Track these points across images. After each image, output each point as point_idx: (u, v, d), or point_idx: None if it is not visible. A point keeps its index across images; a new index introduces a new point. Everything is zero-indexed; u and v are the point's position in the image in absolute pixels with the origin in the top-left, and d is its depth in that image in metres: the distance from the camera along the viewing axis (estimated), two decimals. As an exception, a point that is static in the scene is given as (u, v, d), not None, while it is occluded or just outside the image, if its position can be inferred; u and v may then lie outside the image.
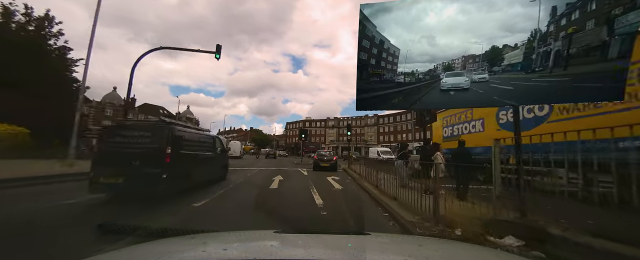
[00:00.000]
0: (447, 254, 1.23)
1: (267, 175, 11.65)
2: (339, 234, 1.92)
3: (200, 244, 1.20)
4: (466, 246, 1.81)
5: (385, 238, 1.69)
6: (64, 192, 6.23)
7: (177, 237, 1.51)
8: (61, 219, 4.15)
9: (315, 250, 1.18)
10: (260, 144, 74.96)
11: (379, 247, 1.31)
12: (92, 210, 4.76)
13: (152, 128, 5.81)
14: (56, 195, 5.80)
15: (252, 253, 1.09)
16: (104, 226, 3.01)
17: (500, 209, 3.76)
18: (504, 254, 1.73)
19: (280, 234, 1.53)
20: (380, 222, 4.56)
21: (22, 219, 4.10)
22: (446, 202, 4.11)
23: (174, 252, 1.13)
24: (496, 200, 4.03)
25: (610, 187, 3.08)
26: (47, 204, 5.01)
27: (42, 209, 4.71)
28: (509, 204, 3.75)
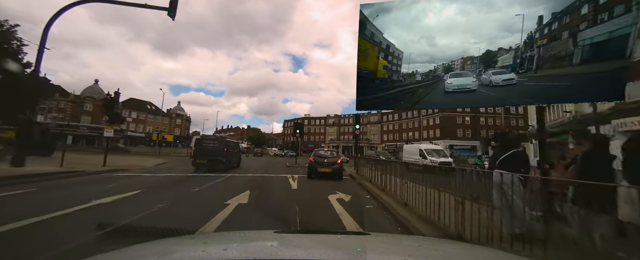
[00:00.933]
0: (447, 254, 1.25)
1: (229, 191, 7.37)
2: (339, 234, 1.96)
3: (200, 244, 1.21)
4: (466, 246, 1.89)
5: (385, 238, 1.69)
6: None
7: (177, 237, 1.52)
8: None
9: (315, 250, 1.18)
10: (257, 142, 70.74)
11: (379, 247, 1.30)
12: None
13: (218, 139, 15.43)
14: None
15: (252, 253, 1.10)
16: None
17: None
18: (504, 254, 1.68)
19: (280, 234, 1.58)
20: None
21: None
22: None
23: (174, 252, 1.15)
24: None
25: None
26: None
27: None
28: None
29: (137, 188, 7.12)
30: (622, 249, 2.36)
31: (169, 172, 12.47)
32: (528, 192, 3.03)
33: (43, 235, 3.43)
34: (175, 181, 9.36)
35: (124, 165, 13.70)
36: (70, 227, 3.73)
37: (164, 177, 10.30)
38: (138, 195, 6.26)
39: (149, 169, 13.24)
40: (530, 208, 2.99)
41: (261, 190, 7.67)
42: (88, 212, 4.58)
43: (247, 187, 7.85)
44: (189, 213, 4.89)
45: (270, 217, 4.87)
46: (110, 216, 4.39)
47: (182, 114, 66.28)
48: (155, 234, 2.45)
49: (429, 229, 3.81)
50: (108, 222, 3.54)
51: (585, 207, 2.51)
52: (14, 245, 3.10)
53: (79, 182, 8.42)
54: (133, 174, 11.02)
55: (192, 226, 3.72)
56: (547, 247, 2.61)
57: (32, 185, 6.97)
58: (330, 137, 73.60)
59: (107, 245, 1.85)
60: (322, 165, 10.85)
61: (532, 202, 3.01)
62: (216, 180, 9.54)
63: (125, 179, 9.26)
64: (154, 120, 56.62)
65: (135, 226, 3.68)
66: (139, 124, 55.73)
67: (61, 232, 3.55)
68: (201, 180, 9.54)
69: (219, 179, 10.07)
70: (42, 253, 2.79)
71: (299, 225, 4.33)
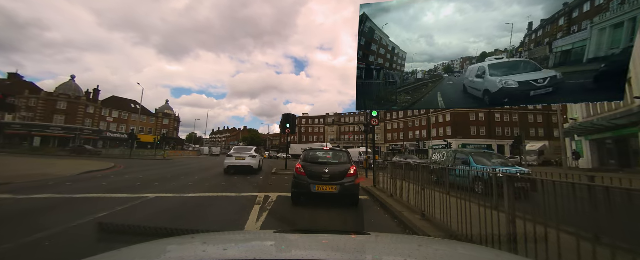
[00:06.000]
0: (447, 254, 1.27)
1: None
2: (339, 234, 2.00)
3: (200, 244, 1.21)
4: (466, 246, 1.85)
5: (385, 238, 1.67)
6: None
7: (177, 237, 1.52)
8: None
9: (315, 251, 1.21)
10: (252, 143, 65.73)
11: (379, 247, 1.30)
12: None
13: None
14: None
15: (252, 253, 1.13)
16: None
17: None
18: (504, 254, 1.67)
19: (280, 234, 1.63)
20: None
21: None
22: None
23: (174, 252, 1.18)
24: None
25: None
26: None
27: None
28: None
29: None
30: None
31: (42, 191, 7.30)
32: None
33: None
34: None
35: (24, 175, 9.94)
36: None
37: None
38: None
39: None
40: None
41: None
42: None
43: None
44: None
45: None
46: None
47: (170, 113, 61.42)
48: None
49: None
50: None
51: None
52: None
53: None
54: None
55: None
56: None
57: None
58: (330, 137, 68.64)
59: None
60: (320, 180, 5.98)
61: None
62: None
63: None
64: (138, 120, 51.53)
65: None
66: (120, 124, 50.85)
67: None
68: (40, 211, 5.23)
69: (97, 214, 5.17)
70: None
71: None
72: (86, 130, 46.55)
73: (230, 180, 10.63)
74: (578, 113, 24.36)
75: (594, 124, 20.55)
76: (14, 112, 39.26)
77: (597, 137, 22.19)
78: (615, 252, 2.00)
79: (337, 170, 6.08)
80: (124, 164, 18.86)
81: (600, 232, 2.18)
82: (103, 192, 7.29)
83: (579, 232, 2.27)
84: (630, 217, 2.12)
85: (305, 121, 77.84)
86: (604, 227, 2.17)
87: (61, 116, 46.03)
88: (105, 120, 50.36)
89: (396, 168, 7.51)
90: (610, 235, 2.06)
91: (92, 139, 46.93)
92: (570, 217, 2.41)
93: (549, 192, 2.51)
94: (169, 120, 62.60)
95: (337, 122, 72.50)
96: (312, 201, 6.19)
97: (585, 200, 2.28)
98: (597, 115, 21.91)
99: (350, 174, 6.06)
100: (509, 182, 2.99)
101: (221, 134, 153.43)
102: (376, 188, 8.46)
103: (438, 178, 5.01)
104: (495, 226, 3.01)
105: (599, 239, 2.18)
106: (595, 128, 20.92)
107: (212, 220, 5.02)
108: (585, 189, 2.28)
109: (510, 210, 2.91)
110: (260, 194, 7.33)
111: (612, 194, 2.11)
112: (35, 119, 43.35)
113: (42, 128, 42.68)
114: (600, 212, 2.17)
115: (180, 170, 14.92)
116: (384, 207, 6.17)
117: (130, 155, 31.27)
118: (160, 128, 59.30)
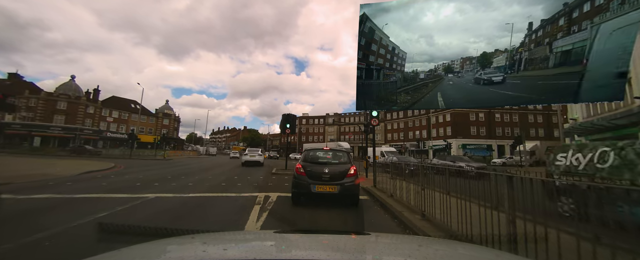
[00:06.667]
0: (447, 254, 1.27)
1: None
2: (339, 233, 2.00)
3: (200, 244, 1.21)
4: (466, 246, 1.85)
5: (385, 238, 1.69)
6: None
7: (177, 237, 1.53)
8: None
9: (315, 251, 1.21)
10: (252, 143, 65.82)
11: (379, 247, 1.31)
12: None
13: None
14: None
15: (252, 253, 1.12)
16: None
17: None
18: (504, 254, 1.67)
19: (280, 234, 1.64)
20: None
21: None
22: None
23: (174, 252, 1.18)
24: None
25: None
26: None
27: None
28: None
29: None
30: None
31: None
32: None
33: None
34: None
35: (24, 175, 9.95)
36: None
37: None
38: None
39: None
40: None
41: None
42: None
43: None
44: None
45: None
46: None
47: (170, 113, 61.39)
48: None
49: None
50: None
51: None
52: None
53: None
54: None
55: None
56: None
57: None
58: (330, 137, 68.58)
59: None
60: (321, 180, 6.02)
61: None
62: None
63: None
64: (138, 120, 51.58)
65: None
66: (120, 124, 50.84)
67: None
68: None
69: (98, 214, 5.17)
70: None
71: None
72: (86, 130, 46.58)
73: (231, 180, 10.76)
74: (578, 113, 24.36)
75: (594, 124, 20.53)
76: (14, 112, 39.33)
77: (597, 137, 22.17)
78: (615, 252, 2.03)
79: (337, 170, 6.18)
80: (124, 164, 18.94)
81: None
82: (103, 192, 7.35)
83: (578, 232, 2.30)
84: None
85: (306, 121, 77.87)
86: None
87: (61, 116, 46.02)
88: (105, 120, 50.38)
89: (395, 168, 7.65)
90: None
91: (92, 139, 46.95)
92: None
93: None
94: (169, 120, 62.63)
95: (337, 122, 72.48)
96: (312, 201, 6.24)
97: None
98: (597, 115, 21.90)
99: (350, 174, 6.16)
100: (509, 182, 3.02)
101: (221, 134, 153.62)
102: (376, 188, 8.53)
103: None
104: (495, 226, 3.06)
105: (599, 239, 2.20)
106: (595, 128, 20.90)
107: (212, 220, 5.09)
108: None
109: (510, 210, 2.94)
110: (260, 194, 7.41)
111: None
112: (35, 119, 43.38)
113: (42, 128, 42.70)
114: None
115: (180, 170, 15.05)
116: (384, 207, 6.25)
117: (130, 155, 31.30)
118: (160, 128, 59.31)
